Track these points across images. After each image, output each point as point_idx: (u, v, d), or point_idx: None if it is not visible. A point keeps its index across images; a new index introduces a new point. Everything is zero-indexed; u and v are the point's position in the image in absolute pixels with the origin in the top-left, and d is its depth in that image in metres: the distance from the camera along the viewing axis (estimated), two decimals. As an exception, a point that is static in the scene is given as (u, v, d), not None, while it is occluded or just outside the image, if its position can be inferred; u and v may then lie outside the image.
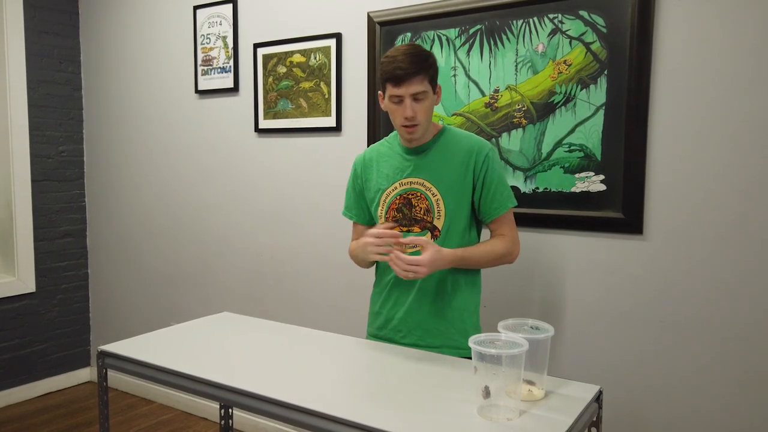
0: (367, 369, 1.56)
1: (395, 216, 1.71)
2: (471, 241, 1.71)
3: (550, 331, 1.31)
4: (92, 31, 3.43)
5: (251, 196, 2.87)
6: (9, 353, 3.26)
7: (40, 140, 3.31)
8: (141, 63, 3.23)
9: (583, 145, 1.99)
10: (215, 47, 2.89)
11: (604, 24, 1.93)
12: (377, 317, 1.79)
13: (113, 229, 3.46)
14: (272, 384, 1.37)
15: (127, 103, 3.31)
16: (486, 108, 2.16)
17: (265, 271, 2.85)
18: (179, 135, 3.11)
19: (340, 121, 2.53)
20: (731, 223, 1.79)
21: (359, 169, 1.81)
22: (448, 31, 2.21)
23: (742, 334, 1.79)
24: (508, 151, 2.13)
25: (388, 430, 1.14)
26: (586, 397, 1.31)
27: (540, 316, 2.07)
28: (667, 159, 1.87)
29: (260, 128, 2.77)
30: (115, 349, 1.62)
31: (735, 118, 1.76)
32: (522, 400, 1.26)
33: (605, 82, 1.94)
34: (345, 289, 2.59)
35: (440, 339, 1.70)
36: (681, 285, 1.87)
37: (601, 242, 1.99)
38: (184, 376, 1.46)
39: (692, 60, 1.81)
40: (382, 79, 1.63)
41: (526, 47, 2.07)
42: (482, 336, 1.25)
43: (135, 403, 3.28)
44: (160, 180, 3.22)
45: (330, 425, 1.22)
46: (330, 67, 2.52)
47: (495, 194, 1.67)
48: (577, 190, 2.01)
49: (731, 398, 1.82)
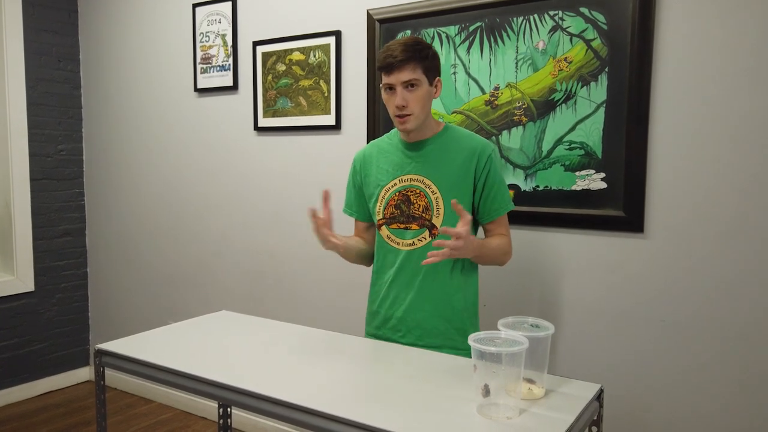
0: (366, 368, 1.55)
1: (393, 213, 1.70)
2: None
3: (550, 329, 1.30)
4: (91, 29, 3.42)
5: (250, 195, 2.86)
6: (8, 352, 3.26)
7: (39, 139, 3.31)
8: (140, 61, 3.22)
9: (583, 143, 1.98)
10: (214, 45, 2.88)
11: (604, 21, 1.92)
12: (375, 316, 1.78)
13: (112, 228, 3.45)
14: (271, 383, 1.36)
15: (126, 101, 3.30)
16: (486, 106, 2.15)
17: (264, 270, 2.84)
18: (178, 133, 3.10)
19: (339, 119, 2.52)
20: (732, 221, 1.78)
21: (358, 166, 1.81)
22: (448, 29, 2.20)
23: (743, 333, 1.78)
24: (509, 149, 2.12)
25: (388, 429, 1.13)
26: (586, 396, 1.30)
27: (540, 315, 2.06)
28: (668, 157, 1.86)
29: (259, 126, 2.77)
30: (113, 348, 1.61)
31: (736, 115, 1.75)
32: (522, 399, 1.25)
33: (606, 80, 1.93)
34: (344, 288, 2.58)
35: (439, 339, 1.69)
36: (682, 283, 1.86)
37: (602, 240, 1.98)
38: (183, 374, 1.45)
39: (693, 57, 1.80)
40: (377, 69, 1.63)
41: (527, 44, 2.06)
42: (482, 334, 1.24)
43: (134, 403, 3.28)
44: (159, 179, 3.21)
45: (329, 424, 1.21)
46: (329, 65, 2.51)
47: (496, 195, 1.67)
48: (578, 188, 2.00)
49: (731, 397, 1.81)
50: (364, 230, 1.85)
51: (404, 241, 1.69)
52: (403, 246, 1.69)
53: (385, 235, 1.73)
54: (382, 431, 1.14)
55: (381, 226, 1.73)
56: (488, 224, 1.70)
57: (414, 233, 1.68)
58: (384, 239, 1.73)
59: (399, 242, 1.70)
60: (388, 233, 1.72)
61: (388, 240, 1.72)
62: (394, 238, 1.71)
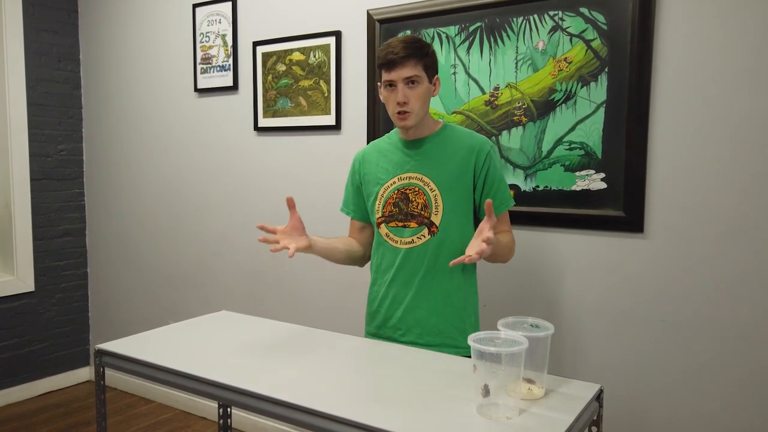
0: (366, 367, 1.55)
1: (392, 211, 1.70)
2: (470, 238, 1.70)
3: (550, 329, 1.30)
4: (91, 29, 3.42)
5: (251, 195, 2.86)
6: (8, 352, 3.26)
7: (39, 139, 3.31)
8: (140, 61, 3.22)
9: (583, 143, 1.98)
10: (214, 45, 2.89)
11: (604, 21, 1.92)
12: (375, 316, 1.78)
13: (112, 228, 3.45)
14: (271, 383, 1.36)
15: (126, 101, 3.30)
16: (486, 106, 2.15)
17: (264, 270, 2.84)
18: (178, 133, 3.10)
19: (339, 119, 2.52)
20: (732, 221, 1.78)
21: (358, 165, 1.82)
22: (447, 29, 2.20)
23: (743, 333, 1.78)
24: (509, 149, 2.12)
25: (388, 429, 1.13)
26: (586, 396, 1.30)
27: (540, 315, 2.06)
28: (668, 157, 1.86)
29: (259, 126, 2.77)
30: (113, 348, 1.61)
31: (736, 115, 1.75)
32: (522, 399, 1.25)
33: (606, 80, 1.93)
34: (344, 288, 2.58)
35: (439, 338, 1.69)
36: (682, 284, 1.86)
37: (602, 241, 1.98)
38: (183, 374, 1.45)
39: (693, 57, 1.80)
40: (377, 66, 1.65)
41: (527, 45, 2.06)
42: (482, 334, 1.24)
43: (134, 403, 3.28)
44: (159, 179, 3.21)
45: (329, 424, 1.21)
46: (329, 65, 2.51)
47: (497, 192, 1.67)
48: (578, 189, 2.00)
49: (732, 397, 1.81)
50: (359, 230, 1.85)
51: (403, 239, 1.69)
52: (402, 244, 1.69)
53: (384, 233, 1.73)
54: (382, 431, 1.14)
55: (380, 225, 1.73)
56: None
57: (413, 231, 1.68)
58: (383, 237, 1.73)
59: (398, 240, 1.70)
60: (387, 231, 1.72)
61: (387, 238, 1.72)
62: (393, 236, 1.71)
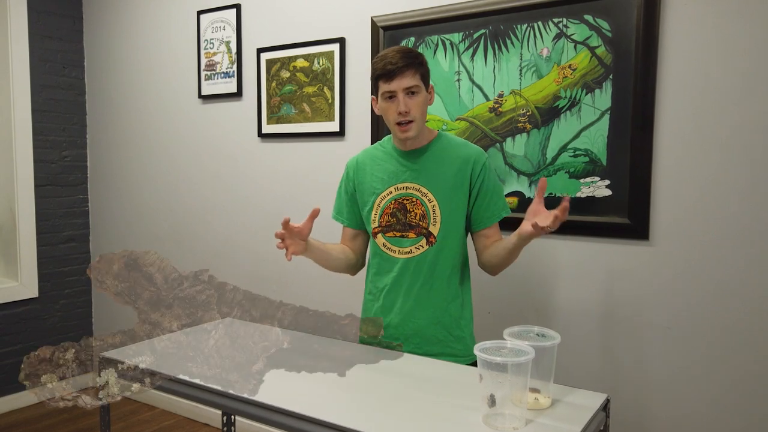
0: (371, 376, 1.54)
1: (389, 221, 1.70)
2: (465, 248, 1.71)
3: (556, 338, 1.30)
4: (96, 36, 3.43)
5: (255, 202, 2.86)
6: (12, 358, 3.25)
7: (43, 145, 3.32)
8: (144, 68, 3.23)
9: (588, 150, 1.98)
10: (219, 52, 2.89)
11: (609, 28, 1.92)
12: (372, 325, 1.77)
13: (116, 235, 3.45)
14: (275, 391, 1.35)
15: (130, 108, 3.31)
16: (490, 113, 2.15)
17: (268, 275, 2.84)
18: (182, 140, 3.10)
19: (343, 125, 2.52)
20: (738, 229, 1.77)
21: (351, 173, 1.80)
22: (452, 36, 2.20)
23: (750, 342, 1.77)
24: (513, 156, 2.11)
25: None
26: (593, 406, 1.29)
27: (545, 322, 2.06)
28: (673, 164, 1.85)
29: (263, 133, 2.77)
30: (117, 356, 1.61)
31: (741, 122, 1.75)
32: (528, 409, 1.24)
33: (610, 87, 1.92)
34: (349, 295, 2.57)
35: (438, 347, 1.68)
36: (687, 291, 1.85)
37: (607, 248, 1.98)
38: (186, 383, 1.44)
39: (698, 64, 1.80)
40: (374, 77, 1.63)
41: (531, 52, 2.05)
42: (488, 343, 1.23)
43: (137, 409, 3.27)
44: (163, 185, 3.21)
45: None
46: (333, 72, 2.52)
47: (490, 203, 1.67)
48: (582, 195, 1.99)
49: (739, 406, 1.79)
50: (351, 238, 1.84)
51: (401, 249, 1.69)
52: (400, 254, 1.69)
53: (381, 243, 1.72)
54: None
55: (377, 234, 1.73)
56: (485, 230, 1.69)
57: (412, 241, 1.67)
58: (380, 247, 1.73)
59: (396, 250, 1.70)
60: (384, 241, 1.71)
61: (384, 248, 1.72)
62: (391, 246, 1.70)
